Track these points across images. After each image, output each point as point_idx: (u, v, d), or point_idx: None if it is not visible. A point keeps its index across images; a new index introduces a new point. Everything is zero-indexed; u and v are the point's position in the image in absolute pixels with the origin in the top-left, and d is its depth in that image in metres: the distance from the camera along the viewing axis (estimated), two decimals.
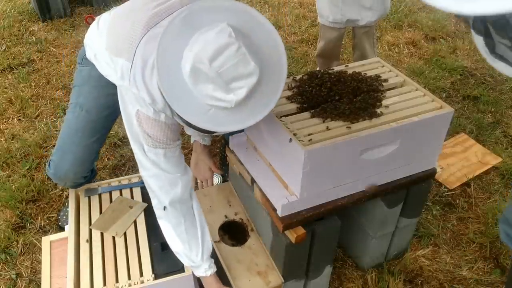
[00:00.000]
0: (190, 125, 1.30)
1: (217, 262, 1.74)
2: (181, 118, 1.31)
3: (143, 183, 1.87)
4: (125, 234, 1.69)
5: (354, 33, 2.80)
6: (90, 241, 1.67)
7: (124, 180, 1.92)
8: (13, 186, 2.39)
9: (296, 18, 4.10)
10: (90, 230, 1.71)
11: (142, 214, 1.76)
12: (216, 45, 1.14)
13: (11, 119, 2.89)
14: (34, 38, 3.69)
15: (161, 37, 1.20)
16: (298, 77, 1.76)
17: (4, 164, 2.54)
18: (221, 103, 1.19)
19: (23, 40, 3.68)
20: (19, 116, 2.91)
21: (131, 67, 1.37)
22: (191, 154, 2.09)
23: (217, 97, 1.18)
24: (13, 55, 3.47)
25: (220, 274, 1.74)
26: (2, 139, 2.72)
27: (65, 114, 2.85)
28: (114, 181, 1.91)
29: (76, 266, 1.60)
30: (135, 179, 1.92)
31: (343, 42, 3.11)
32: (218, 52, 1.14)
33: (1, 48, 3.56)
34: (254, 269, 1.70)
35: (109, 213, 1.76)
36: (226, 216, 1.87)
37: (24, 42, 3.64)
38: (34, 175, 2.48)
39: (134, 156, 1.53)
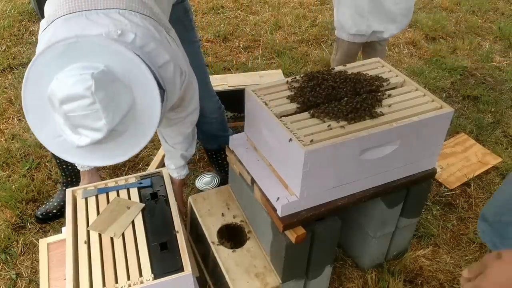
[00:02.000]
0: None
1: (216, 265, 1.75)
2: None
3: (140, 183, 1.88)
4: (123, 234, 1.69)
5: (373, 48, 2.66)
6: (88, 242, 1.67)
7: (121, 180, 1.91)
8: (13, 186, 2.39)
9: (296, 18, 4.10)
10: (88, 231, 1.70)
11: (140, 214, 1.75)
12: (70, 92, 1.13)
13: (11, 119, 2.89)
14: (34, 38, 3.69)
15: (43, 53, 1.18)
16: (298, 77, 1.76)
17: (4, 164, 2.54)
18: (67, 138, 1.21)
19: (23, 40, 3.68)
20: (19, 116, 2.91)
21: (44, 30, 1.41)
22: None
23: (65, 132, 1.20)
24: (13, 55, 3.47)
25: (219, 277, 1.75)
26: (2, 139, 2.72)
27: None
28: (111, 182, 1.90)
29: (75, 267, 1.59)
30: (132, 180, 1.91)
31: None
32: (69, 99, 1.13)
33: (1, 48, 3.56)
34: (252, 271, 1.70)
35: (106, 214, 1.76)
36: (223, 215, 1.88)
37: (24, 42, 3.64)
38: (34, 175, 2.48)
39: (133, 156, 1.53)
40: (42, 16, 1.56)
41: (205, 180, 2.37)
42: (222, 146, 2.25)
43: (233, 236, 1.91)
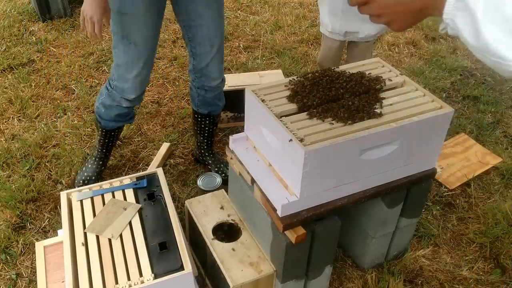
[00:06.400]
0: None
1: (212, 261, 1.76)
2: None
3: (135, 184, 1.88)
4: (121, 236, 1.69)
5: (356, 45, 2.66)
6: (86, 244, 1.66)
7: (115, 182, 1.91)
8: (13, 186, 2.39)
9: (296, 18, 4.10)
10: (85, 233, 1.70)
11: (137, 215, 1.75)
12: None
13: (11, 119, 2.89)
14: (34, 38, 3.69)
15: None
16: (298, 77, 1.76)
17: (4, 164, 2.54)
18: None
19: (23, 40, 3.68)
20: (19, 116, 2.91)
21: None
22: None
23: None
24: (13, 55, 3.47)
25: (215, 272, 1.76)
26: (2, 139, 2.72)
27: (65, 114, 2.88)
28: (106, 184, 1.90)
29: (74, 269, 1.59)
30: (126, 181, 1.91)
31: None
32: None
33: (1, 48, 3.56)
34: (246, 260, 1.74)
35: (103, 215, 1.75)
36: (218, 214, 1.90)
37: (24, 42, 3.64)
38: (34, 175, 2.48)
39: (134, 156, 1.53)
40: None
41: (207, 180, 2.37)
42: (211, 114, 2.34)
43: (228, 235, 1.92)
